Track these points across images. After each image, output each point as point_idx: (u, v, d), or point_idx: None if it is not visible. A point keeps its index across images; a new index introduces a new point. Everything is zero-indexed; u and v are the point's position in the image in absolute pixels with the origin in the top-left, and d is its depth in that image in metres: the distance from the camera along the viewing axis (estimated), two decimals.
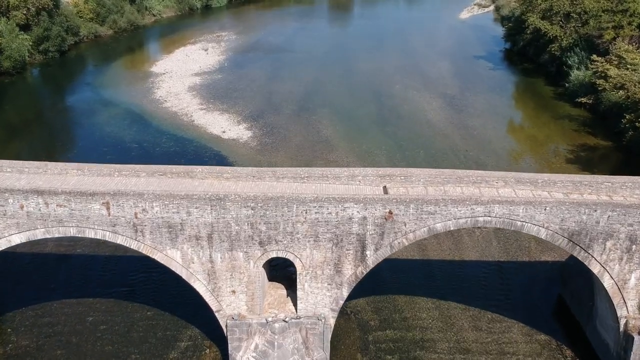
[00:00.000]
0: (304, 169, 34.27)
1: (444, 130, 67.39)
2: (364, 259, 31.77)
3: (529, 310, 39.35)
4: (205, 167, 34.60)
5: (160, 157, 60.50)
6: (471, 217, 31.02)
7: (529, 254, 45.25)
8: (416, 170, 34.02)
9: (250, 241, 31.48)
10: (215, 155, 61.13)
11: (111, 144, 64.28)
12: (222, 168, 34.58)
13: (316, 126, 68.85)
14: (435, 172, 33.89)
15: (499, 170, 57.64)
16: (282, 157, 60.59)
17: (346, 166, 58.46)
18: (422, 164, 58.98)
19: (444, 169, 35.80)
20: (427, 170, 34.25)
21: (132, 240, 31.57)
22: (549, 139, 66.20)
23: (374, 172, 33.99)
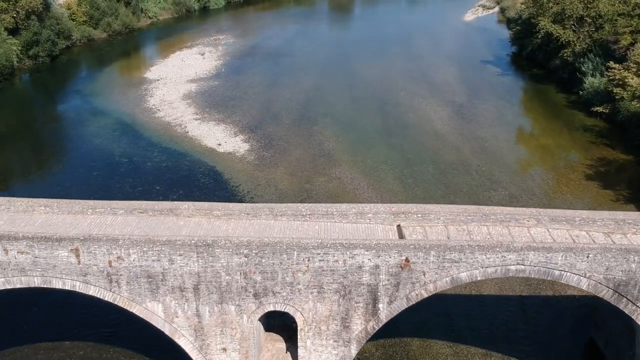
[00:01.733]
0: (305, 205, 29.30)
1: (453, 143, 62.36)
2: (376, 313, 26.84)
3: (558, 355, 34.50)
4: (192, 203, 29.64)
5: (150, 173, 55.66)
6: (502, 266, 26.10)
7: (552, 287, 40.23)
8: (435, 207, 29.03)
9: (244, 293, 26.55)
10: (209, 171, 56.18)
11: (99, 158, 59.31)
12: (211, 204, 29.61)
13: (317, 138, 63.84)
14: (457, 209, 28.90)
15: (513, 185, 53.05)
16: (282, 173, 55.64)
17: (350, 183, 53.70)
18: (431, 181, 54.19)
19: (467, 205, 30.82)
20: (448, 207, 29.26)
21: (107, 292, 26.67)
22: (565, 151, 61.27)
23: (386, 209, 29.01)
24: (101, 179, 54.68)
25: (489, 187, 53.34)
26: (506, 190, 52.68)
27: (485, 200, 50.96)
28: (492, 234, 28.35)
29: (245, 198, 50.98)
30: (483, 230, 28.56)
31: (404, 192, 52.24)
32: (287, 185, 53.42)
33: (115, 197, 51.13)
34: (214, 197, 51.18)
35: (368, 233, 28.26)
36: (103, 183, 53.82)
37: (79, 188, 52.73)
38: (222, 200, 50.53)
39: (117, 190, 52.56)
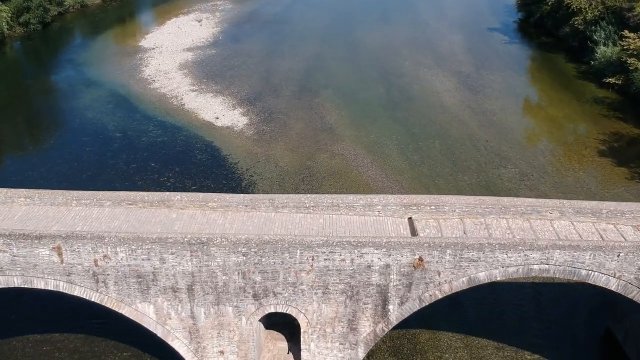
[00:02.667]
0: (308, 196, 26.64)
1: (460, 116, 59.39)
2: (386, 314, 24.47)
3: (574, 348, 32.40)
4: (185, 194, 26.98)
5: (145, 149, 52.89)
6: (524, 265, 23.62)
7: None
8: (450, 198, 26.40)
9: (242, 294, 24.13)
10: (206, 147, 53.38)
11: (92, 133, 56.41)
12: (206, 195, 26.94)
13: (319, 111, 60.83)
14: (474, 201, 26.27)
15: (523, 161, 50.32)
16: (282, 149, 52.84)
17: (353, 160, 51.01)
18: (437, 157, 51.47)
19: (484, 196, 28.13)
20: (464, 198, 26.62)
21: (93, 292, 24.27)
22: (575, 125, 58.50)
23: (396, 201, 26.38)
24: (94, 155, 51.91)
25: (498, 164, 50.67)
26: (516, 168, 50.04)
27: (494, 178, 48.41)
28: (512, 227, 25.82)
29: (244, 176, 48.39)
30: (502, 224, 26.02)
31: (410, 170, 49.61)
32: (288, 162, 50.73)
33: (108, 175, 48.71)
34: (211, 175, 48.65)
35: (377, 227, 25.73)
36: (96, 160, 51.09)
37: (71, 165, 50.10)
38: (220, 179, 48.06)
39: (110, 168, 49.93)
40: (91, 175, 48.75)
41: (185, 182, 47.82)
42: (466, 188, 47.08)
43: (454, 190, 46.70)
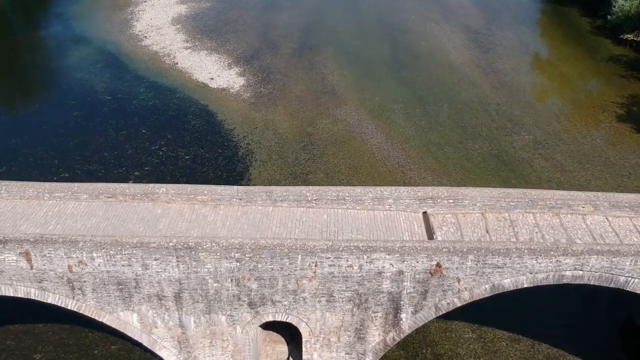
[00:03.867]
0: (310, 189, 23.29)
1: (470, 76, 55.37)
2: (398, 323, 21.51)
3: (594, 339, 29.80)
4: (171, 186, 23.58)
5: (136, 113, 49.21)
6: (555, 272, 20.49)
7: None
8: (470, 191, 23.07)
9: (236, 302, 21.10)
10: (201, 111, 49.65)
11: (80, 95, 52.50)
12: (195, 187, 23.57)
13: (320, 70, 56.73)
14: (497, 194, 22.94)
15: (537, 127, 46.73)
16: (281, 114, 49.15)
17: (356, 126, 47.40)
18: (446, 123, 47.83)
19: (509, 189, 24.67)
20: (487, 190, 23.27)
21: (69, 300, 21.21)
22: (592, 87, 54.55)
23: (410, 193, 23.05)
24: (82, 121, 48.26)
25: (510, 130, 47.13)
26: (529, 134, 46.54)
27: (506, 146, 44.96)
28: (539, 224, 22.60)
29: (241, 144, 44.91)
30: (529, 220, 22.80)
31: (417, 137, 46.11)
32: (287, 128, 47.17)
33: (97, 143, 45.15)
34: (205, 143, 45.17)
35: (388, 223, 22.52)
36: (84, 126, 47.48)
37: (57, 132, 46.52)
38: (215, 148, 44.50)
39: (99, 135, 46.40)
40: (78, 144, 45.28)
41: (178, 151, 44.41)
42: (476, 157, 43.76)
43: (464, 160, 43.40)
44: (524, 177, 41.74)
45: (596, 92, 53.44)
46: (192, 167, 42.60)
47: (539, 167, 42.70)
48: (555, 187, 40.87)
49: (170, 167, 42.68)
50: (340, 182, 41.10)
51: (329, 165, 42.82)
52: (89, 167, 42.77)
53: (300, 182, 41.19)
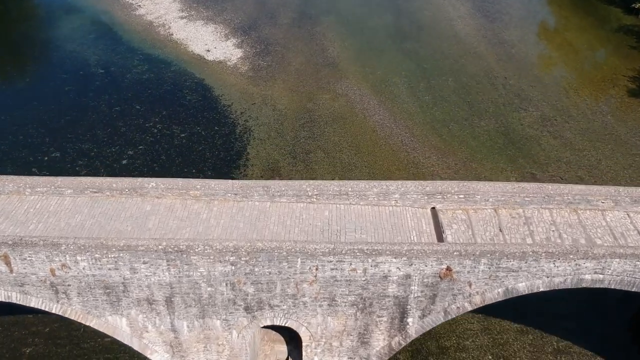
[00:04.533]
0: (311, 183, 21.51)
1: (475, 48, 53.02)
2: (404, 327, 20.02)
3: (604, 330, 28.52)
4: (162, 180, 21.80)
5: (129, 88, 47.12)
6: (573, 275, 18.91)
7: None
8: (483, 185, 21.31)
9: (232, 306, 19.56)
10: (197, 85, 47.55)
11: (72, 69, 50.27)
12: (187, 182, 21.80)
13: (320, 42, 54.33)
14: (511, 188, 21.19)
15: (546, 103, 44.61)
16: (280, 88, 47.06)
17: (358, 101, 45.40)
18: (451, 98, 45.79)
19: (524, 183, 22.89)
20: (500, 185, 21.50)
21: (53, 304, 19.64)
22: (603, 61, 52.25)
23: (417, 188, 21.30)
24: (74, 96, 46.19)
25: (518, 105, 45.11)
26: (538, 110, 44.57)
27: (514, 123, 43.05)
28: (556, 221, 20.92)
29: (238, 121, 42.98)
30: (545, 217, 21.11)
31: (421, 113, 44.16)
32: (287, 104, 45.15)
33: (89, 120, 43.19)
34: (202, 120, 43.25)
35: (394, 220, 20.84)
36: (76, 102, 45.44)
37: (48, 108, 44.53)
38: (212, 125, 42.51)
39: (91, 111, 44.45)
40: (70, 121, 43.36)
41: (173, 128, 42.52)
42: (483, 135, 41.89)
43: (470, 138, 41.53)
44: (532, 156, 39.96)
45: (606, 64, 51.18)
46: (187, 146, 40.77)
47: (548, 146, 40.88)
48: (564, 166, 39.18)
49: (165, 145, 40.85)
50: (341, 162, 39.36)
51: (329, 143, 40.99)
52: (81, 145, 40.94)
53: (299, 161, 39.45)
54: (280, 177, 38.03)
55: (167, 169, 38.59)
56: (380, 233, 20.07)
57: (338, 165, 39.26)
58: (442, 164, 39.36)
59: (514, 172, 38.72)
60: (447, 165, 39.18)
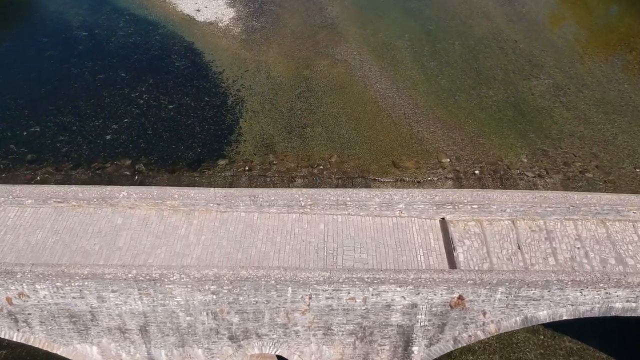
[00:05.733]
0: (304, 191, 18.64)
1: (484, 7, 49.05)
2: (409, 356, 17.57)
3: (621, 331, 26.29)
4: (134, 188, 18.91)
5: (114, 53, 43.49)
6: (602, 304, 16.32)
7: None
8: (499, 194, 18.46)
9: (215, 335, 17.06)
10: (186, 50, 43.93)
11: (53, 32, 46.46)
12: (163, 190, 18.91)
13: (318, 0, 50.31)
14: (531, 197, 18.34)
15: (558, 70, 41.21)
16: (275, 53, 43.47)
17: (358, 68, 41.94)
18: (457, 64, 42.30)
19: (544, 191, 19.99)
20: (519, 194, 18.63)
21: (14, 332, 17.12)
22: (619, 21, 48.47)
23: (425, 197, 18.46)
24: (55, 62, 42.65)
25: (528, 72, 41.65)
26: (550, 78, 41.16)
27: (524, 92, 39.73)
28: (581, 236, 18.19)
29: (230, 90, 39.67)
30: (569, 230, 18.36)
31: (426, 82, 40.77)
32: (282, 71, 41.68)
33: (71, 90, 39.78)
34: (191, 89, 39.93)
35: (398, 235, 18.11)
36: (57, 69, 41.94)
37: (28, 76, 41.08)
38: (202, 95, 39.19)
39: (74, 79, 41.02)
40: (51, 90, 40.02)
41: (161, 99, 39.24)
42: (491, 106, 38.68)
43: (477, 109, 38.31)
44: (544, 130, 36.88)
45: (623, 26, 47.34)
46: (175, 119, 37.63)
47: (560, 119, 37.74)
48: (577, 141, 36.19)
49: (152, 118, 37.71)
50: (340, 137, 36.31)
51: (327, 116, 37.84)
52: (62, 118, 37.79)
53: (295, 136, 36.41)
54: (275, 154, 35.12)
55: (154, 146, 35.66)
56: (382, 252, 17.38)
57: (337, 140, 36.26)
58: (447, 139, 36.34)
59: (524, 148, 35.75)
60: (453, 141, 36.17)
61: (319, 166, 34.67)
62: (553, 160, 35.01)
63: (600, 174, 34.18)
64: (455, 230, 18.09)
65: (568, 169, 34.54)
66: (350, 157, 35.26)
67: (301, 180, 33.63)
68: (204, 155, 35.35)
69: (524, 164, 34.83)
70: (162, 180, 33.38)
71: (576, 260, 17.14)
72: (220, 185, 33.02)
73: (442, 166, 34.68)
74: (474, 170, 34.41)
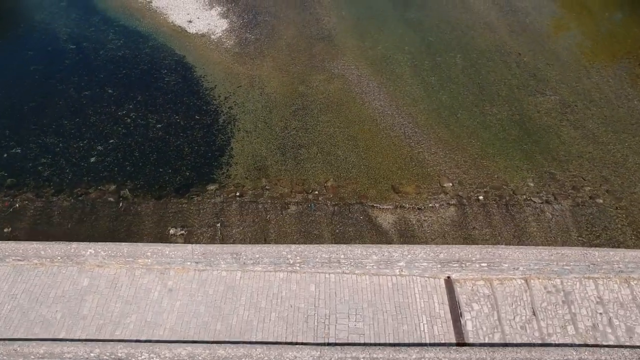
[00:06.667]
0: (293, 248, 16.44)
1: (486, 17, 46.78)
2: None
3: None
4: (103, 245, 16.70)
5: (102, 67, 41.33)
6: None
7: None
8: (512, 251, 16.26)
9: None
10: (177, 64, 41.72)
11: (39, 44, 44.26)
12: (135, 247, 16.71)
13: (314, 10, 48.04)
14: (547, 255, 16.14)
15: (565, 85, 38.95)
16: (269, 68, 41.25)
17: (356, 83, 39.73)
18: (459, 79, 40.08)
19: (561, 247, 17.75)
20: (534, 250, 16.43)
21: None
22: (627, 31, 46.07)
23: (428, 254, 16.26)
24: (40, 77, 40.49)
25: (534, 88, 39.42)
26: (556, 94, 38.93)
27: (529, 109, 37.53)
28: (603, 298, 16.02)
29: (221, 108, 37.48)
30: (589, 291, 16.18)
31: (426, 98, 38.56)
32: (276, 86, 39.48)
33: (56, 108, 37.65)
34: (181, 107, 37.76)
35: (397, 299, 15.93)
36: (42, 84, 39.79)
37: (9, 93, 38.98)
38: (192, 113, 37.02)
39: (59, 96, 38.86)
40: (35, 108, 37.89)
41: (149, 117, 37.08)
42: (495, 125, 36.50)
43: (481, 128, 36.16)
44: (551, 151, 34.72)
45: (630, 37, 45.06)
46: (164, 140, 35.49)
47: (568, 138, 35.57)
48: (586, 163, 34.02)
49: (139, 139, 35.57)
50: (337, 159, 34.18)
51: (323, 136, 35.68)
52: (45, 139, 35.67)
53: (289, 158, 34.27)
54: (268, 178, 32.97)
55: (140, 169, 33.51)
56: (380, 319, 15.20)
57: (333, 162, 34.11)
58: (449, 161, 34.17)
59: (530, 171, 33.58)
60: (455, 163, 33.99)
61: (314, 191, 32.54)
62: (561, 184, 32.84)
63: (612, 199, 32.02)
64: (463, 291, 15.90)
65: (577, 194, 32.38)
66: (347, 181, 33.13)
67: (295, 207, 31.52)
68: (193, 180, 33.23)
69: (531, 188, 32.68)
70: (147, 208, 31.31)
71: (599, 329, 14.96)
72: (208, 212, 30.93)
73: (444, 191, 32.53)
74: (478, 195, 32.26)
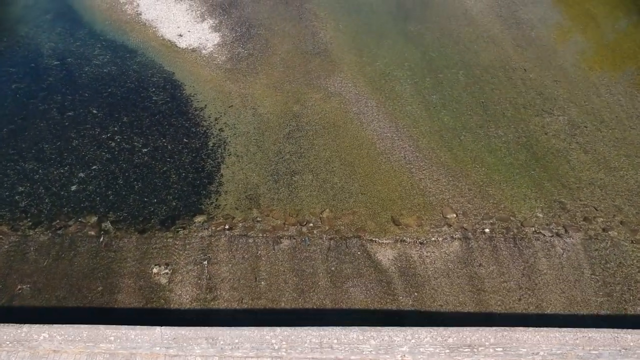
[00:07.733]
0: (277, 332, 14.01)
1: (489, 30, 44.34)
2: None
3: None
4: (59, 328, 14.24)
5: (87, 86, 38.85)
6: None
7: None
8: (530, 335, 13.85)
9: None
10: (165, 82, 39.28)
11: (22, 60, 41.75)
12: (96, 330, 14.23)
13: (310, 23, 45.57)
14: (572, 338, 13.77)
15: (574, 104, 36.31)
16: (262, 85, 38.83)
17: (354, 102, 37.32)
18: (462, 97, 37.67)
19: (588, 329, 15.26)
20: (557, 333, 14.01)
21: None
22: (637, 45, 43.74)
23: (435, 339, 13.83)
24: (21, 97, 38.02)
25: (540, 107, 37.06)
26: (564, 114, 36.58)
27: (536, 131, 35.19)
28: None
29: (211, 130, 35.11)
30: None
31: (428, 118, 36.19)
32: (270, 106, 37.08)
33: (36, 130, 35.12)
34: (169, 129, 35.39)
35: None
36: (23, 104, 37.30)
37: None
38: (180, 136, 34.53)
39: (40, 117, 36.47)
40: (14, 131, 35.52)
41: (134, 141, 34.68)
42: (501, 148, 34.14)
43: (485, 152, 33.80)
44: (560, 177, 32.38)
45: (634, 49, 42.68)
46: (149, 166, 33.10)
47: (578, 163, 33.23)
48: (598, 191, 31.68)
49: (124, 165, 33.20)
50: (333, 187, 31.81)
51: (319, 161, 33.32)
52: (23, 165, 33.31)
53: (283, 186, 31.90)
54: (259, 208, 30.63)
55: (124, 199, 31.14)
56: None
57: (329, 191, 31.75)
58: (453, 189, 31.81)
59: (539, 200, 31.25)
60: (459, 191, 31.63)
61: (308, 223, 30.20)
62: (572, 215, 30.48)
63: (626, 231, 29.68)
64: None
65: (589, 226, 30.05)
66: (344, 212, 30.77)
67: (288, 241, 29.17)
68: (180, 211, 30.85)
69: (540, 219, 30.32)
70: (130, 242, 28.97)
71: None
72: (195, 247, 28.59)
73: (447, 223, 30.18)
74: (484, 228, 29.90)
